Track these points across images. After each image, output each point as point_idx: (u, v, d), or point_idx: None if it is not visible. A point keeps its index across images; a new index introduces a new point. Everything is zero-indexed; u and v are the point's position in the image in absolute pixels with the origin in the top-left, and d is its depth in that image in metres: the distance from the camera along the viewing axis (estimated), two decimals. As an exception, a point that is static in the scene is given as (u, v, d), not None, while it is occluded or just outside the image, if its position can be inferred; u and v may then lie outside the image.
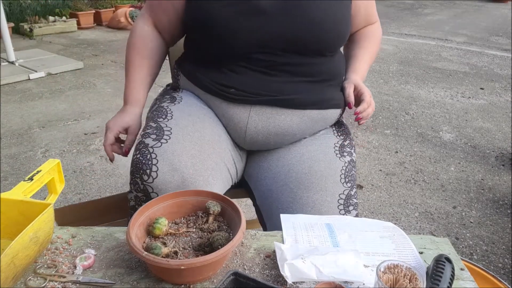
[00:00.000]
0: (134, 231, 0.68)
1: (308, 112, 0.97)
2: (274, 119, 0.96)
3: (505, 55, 4.79)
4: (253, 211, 1.92)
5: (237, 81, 0.95)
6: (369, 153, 2.54)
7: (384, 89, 3.61)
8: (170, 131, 0.91)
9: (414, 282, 0.58)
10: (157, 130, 0.91)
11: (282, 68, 0.94)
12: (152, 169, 0.84)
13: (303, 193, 0.90)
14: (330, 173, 0.93)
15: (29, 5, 5.72)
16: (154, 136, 0.90)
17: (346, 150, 1.01)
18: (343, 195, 0.92)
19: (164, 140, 0.89)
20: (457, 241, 1.81)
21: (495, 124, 2.98)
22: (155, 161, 0.85)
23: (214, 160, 0.92)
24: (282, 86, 0.94)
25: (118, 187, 2.14)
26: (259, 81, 0.94)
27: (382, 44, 5.11)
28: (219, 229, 0.74)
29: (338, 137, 1.03)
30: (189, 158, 0.87)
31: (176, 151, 0.87)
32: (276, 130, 0.97)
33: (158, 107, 1.03)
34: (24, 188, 0.74)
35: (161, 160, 0.85)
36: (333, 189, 0.91)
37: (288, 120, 0.96)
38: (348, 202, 0.92)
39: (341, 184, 0.93)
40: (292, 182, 0.93)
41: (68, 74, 3.86)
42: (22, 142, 2.58)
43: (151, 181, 0.84)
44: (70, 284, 0.65)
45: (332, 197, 0.90)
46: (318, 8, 0.92)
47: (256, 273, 0.68)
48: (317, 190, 0.90)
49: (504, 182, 2.27)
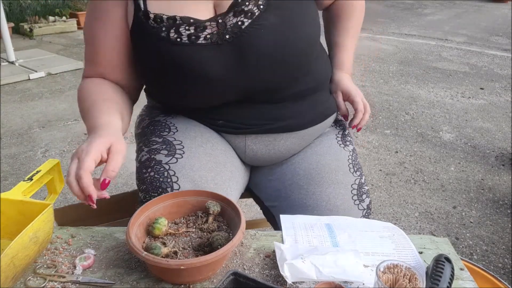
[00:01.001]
0: (133, 231, 0.68)
1: (305, 131, 0.94)
2: (272, 145, 0.92)
3: (505, 55, 4.79)
4: (253, 211, 1.92)
5: (225, 113, 0.89)
6: (369, 153, 2.54)
7: (384, 89, 3.61)
8: (182, 144, 0.86)
9: (414, 282, 0.58)
10: (167, 145, 0.86)
11: (269, 96, 0.88)
12: (173, 187, 0.80)
13: (315, 189, 0.88)
14: (339, 165, 0.92)
15: (29, 5, 5.72)
16: (166, 152, 0.84)
17: (347, 139, 1.00)
18: (355, 185, 0.91)
19: (179, 155, 0.84)
20: (457, 241, 1.81)
21: (495, 124, 2.98)
22: (174, 179, 0.80)
23: (229, 170, 0.89)
24: (274, 113, 0.89)
25: (118, 187, 2.13)
26: (249, 111, 0.88)
27: (382, 44, 5.11)
28: (219, 229, 0.74)
29: (337, 128, 1.02)
30: (208, 172, 0.84)
31: (195, 166, 0.83)
32: (276, 153, 0.94)
33: (153, 121, 0.95)
34: (23, 188, 0.74)
35: (182, 177, 0.81)
36: (345, 180, 0.90)
37: (287, 143, 0.93)
38: (361, 191, 0.91)
39: (351, 174, 0.92)
40: (300, 179, 0.91)
41: (68, 74, 3.86)
42: (22, 142, 2.58)
43: None
44: (70, 284, 0.65)
45: (345, 189, 0.89)
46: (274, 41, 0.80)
47: (256, 273, 0.68)
48: (329, 183, 0.88)
49: (504, 182, 2.27)
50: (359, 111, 0.94)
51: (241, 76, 0.82)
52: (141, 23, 0.80)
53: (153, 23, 0.79)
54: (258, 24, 0.79)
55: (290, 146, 0.94)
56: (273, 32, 0.80)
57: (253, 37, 0.79)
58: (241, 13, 0.79)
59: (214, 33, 0.79)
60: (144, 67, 0.86)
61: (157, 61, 0.82)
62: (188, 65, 0.80)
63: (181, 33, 0.78)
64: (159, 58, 0.81)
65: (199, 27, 0.79)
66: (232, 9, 0.79)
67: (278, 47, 0.80)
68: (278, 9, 0.80)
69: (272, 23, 0.80)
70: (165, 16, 0.79)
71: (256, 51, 0.80)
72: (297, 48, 0.83)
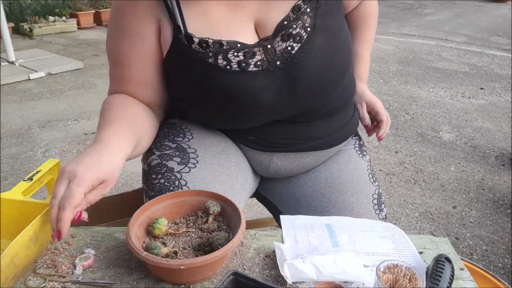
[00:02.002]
0: (134, 231, 0.68)
1: (332, 149, 0.94)
2: (298, 162, 0.92)
3: (505, 55, 4.79)
4: (253, 211, 1.92)
5: (256, 131, 0.87)
6: (369, 153, 2.55)
7: (384, 89, 3.61)
8: (196, 153, 0.83)
9: (414, 282, 0.58)
10: (180, 152, 0.83)
11: (304, 116, 0.87)
12: None
13: (338, 197, 0.88)
14: (360, 174, 0.92)
15: (29, 5, 5.72)
16: (179, 159, 0.82)
17: (363, 149, 1.01)
18: (375, 194, 0.91)
19: (192, 164, 0.81)
20: (457, 241, 1.81)
21: (495, 124, 2.98)
22: (185, 189, 0.79)
23: (240, 182, 0.88)
24: (305, 133, 0.88)
25: (118, 187, 2.13)
26: (282, 129, 0.87)
27: (382, 44, 5.11)
28: (219, 229, 0.74)
29: (354, 138, 1.02)
30: (219, 184, 0.82)
31: (207, 178, 0.81)
32: (299, 169, 0.94)
33: (167, 123, 0.91)
34: (23, 188, 0.74)
35: (192, 187, 0.79)
36: (366, 190, 0.91)
37: (313, 160, 0.93)
38: (380, 201, 0.92)
39: (371, 183, 0.93)
40: (322, 187, 0.91)
41: (68, 74, 3.86)
42: (22, 142, 2.58)
43: None
44: (70, 284, 0.65)
45: (366, 198, 0.90)
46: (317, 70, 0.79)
47: (256, 273, 0.68)
48: (352, 193, 0.89)
49: (504, 182, 2.27)
50: (384, 123, 0.96)
51: (290, 101, 0.80)
52: (183, 46, 0.76)
53: (198, 47, 0.76)
54: (307, 49, 0.77)
55: (314, 162, 0.94)
56: (321, 55, 0.78)
57: (304, 62, 0.78)
58: (289, 37, 0.77)
59: (264, 60, 0.77)
60: (184, 91, 0.82)
61: (203, 87, 0.78)
62: (239, 94, 0.77)
63: (230, 60, 0.75)
64: (206, 85, 0.77)
65: (248, 53, 0.76)
66: (278, 33, 0.77)
67: (324, 70, 0.79)
68: (324, 32, 0.79)
69: (320, 46, 0.78)
70: (211, 40, 0.75)
71: (307, 75, 0.78)
72: (339, 70, 0.83)
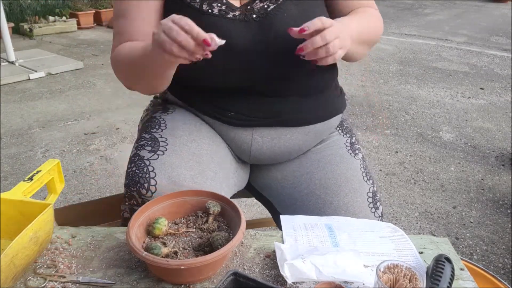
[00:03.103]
0: (134, 231, 0.68)
1: (312, 126, 0.96)
2: (279, 139, 0.94)
3: (505, 55, 4.79)
4: (253, 211, 1.92)
5: (235, 105, 0.92)
6: (369, 153, 2.54)
7: (384, 89, 3.61)
8: (166, 141, 0.89)
9: (414, 282, 0.58)
10: (152, 142, 0.89)
11: (280, 89, 0.92)
12: (150, 183, 0.82)
13: (333, 198, 0.89)
14: (353, 174, 0.93)
15: (29, 5, 5.71)
16: (150, 148, 0.87)
17: (355, 147, 1.01)
18: (370, 193, 0.92)
19: (161, 152, 0.86)
20: (457, 241, 1.81)
21: (495, 124, 2.98)
22: (152, 174, 0.82)
23: (213, 170, 0.89)
24: (283, 107, 0.92)
25: (118, 187, 2.13)
26: (259, 104, 0.92)
27: (382, 44, 5.11)
28: (219, 229, 0.74)
29: (345, 136, 1.03)
30: (187, 170, 0.85)
31: (174, 164, 0.84)
32: (281, 149, 0.96)
33: (150, 117, 0.99)
34: (24, 188, 0.74)
35: (159, 174, 0.82)
36: (360, 189, 0.91)
37: (293, 138, 0.95)
38: (375, 199, 0.92)
39: (365, 182, 0.93)
40: (317, 188, 0.92)
41: (68, 74, 3.86)
42: (22, 142, 2.58)
43: (150, 195, 0.81)
44: (70, 284, 0.65)
45: (361, 197, 0.90)
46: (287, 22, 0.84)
47: (256, 273, 0.68)
48: (346, 193, 0.90)
49: (504, 182, 2.27)
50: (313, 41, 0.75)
51: (262, 53, 0.87)
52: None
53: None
54: (282, 9, 0.87)
55: (295, 142, 0.95)
56: (293, 20, 0.86)
57: (277, 18, 0.87)
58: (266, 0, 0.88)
59: (241, 14, 0.88)
60: None
61: None
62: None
63: (213, 6, 0.87)
64: None
65: (229, 6, 0.88)
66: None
67: None
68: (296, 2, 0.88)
69: (293, 13, 0.88)
70: None
71: (279, 31, 0.86)
72: None
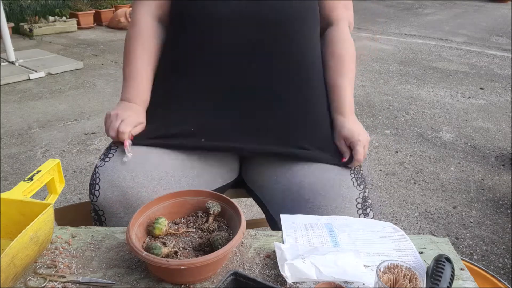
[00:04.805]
0: (134, 231, 0.68)
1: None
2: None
3: (505, 55, 4.79)
4: (253, 211, 1.92)
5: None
6: (369, 153, 2.54)
7: (384, 89, 3.61)
8: (116, 149, 0.93)
9: (414, 282, 0.58)
10: (106, 151, 0.94)
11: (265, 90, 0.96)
12: (95, 188, 0.86)
13: (321, 203, 0.89)
14: (342, 179, 0.92)
15: (29, 5, 5.72)
16: (103, 156, 0.92)
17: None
18: (359, 198, 0.91)
19: (108, 158, 0.91)
20: (457, 241, 1.81)
21: (495, 124, 2.98)
22: (97, 180, 0.87)
23: (162, 170, 0.90)
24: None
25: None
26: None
27: (382, 44, 5.11)
28: (219, 229, 0.74)
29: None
30: (128, 172, 0.87)
31: (116, 167, 0.87)
32: None
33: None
34: (24, 188, 0.74)
35: (102, 178, 0.87)
36: (349, 194, 0.91)
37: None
38: (365, 205, 0.92)
39: (355, 188, 0.92)
40: (306, 193, 0.92)
41: (68, 74, 3.86)
42: (22, 142, 2.58)
43: (96, 200, 0.87)
44: (70, 284, 0.65)
45: (349, 203, 0.90)
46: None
47: (256, 273, 0.68)
48: (334, 198, 0.90)
49: (504, 182, 2.27)
50: (356, 161, 0.95)
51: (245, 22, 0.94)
52: None
53: None
54: None
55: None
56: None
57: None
58: None
59: None
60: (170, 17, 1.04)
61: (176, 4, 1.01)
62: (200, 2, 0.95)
63: None
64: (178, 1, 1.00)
65: None
66: None
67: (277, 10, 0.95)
68: None
69: None
70: None
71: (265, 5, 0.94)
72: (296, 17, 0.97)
